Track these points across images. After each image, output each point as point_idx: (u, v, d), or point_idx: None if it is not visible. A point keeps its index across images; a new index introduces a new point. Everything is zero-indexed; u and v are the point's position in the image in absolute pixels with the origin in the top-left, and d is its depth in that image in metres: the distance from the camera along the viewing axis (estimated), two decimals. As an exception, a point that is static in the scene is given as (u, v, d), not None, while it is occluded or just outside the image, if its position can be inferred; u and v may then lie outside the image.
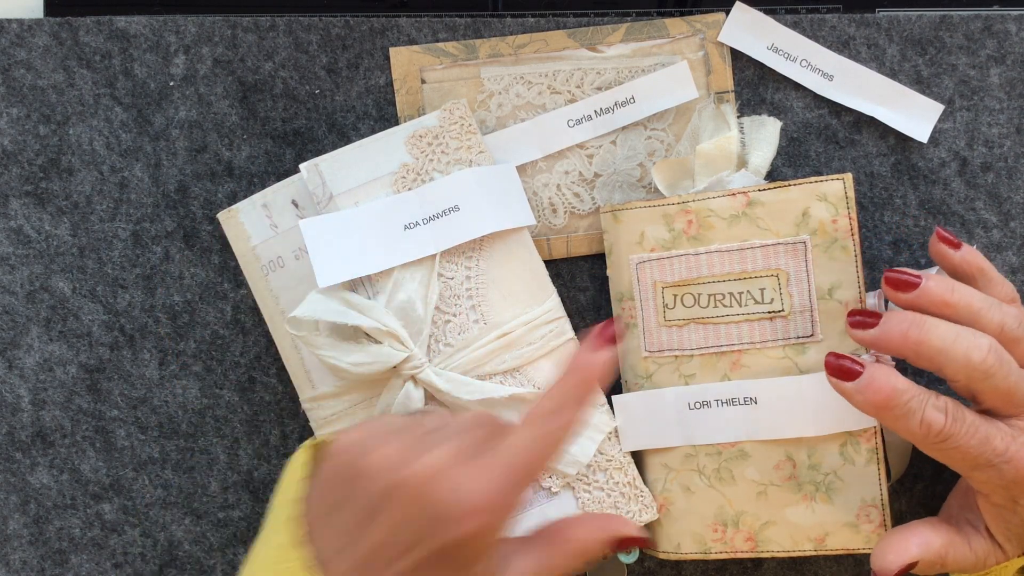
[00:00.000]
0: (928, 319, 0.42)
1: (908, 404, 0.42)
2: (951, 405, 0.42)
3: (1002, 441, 0.42)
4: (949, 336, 0.42)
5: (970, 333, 0.42)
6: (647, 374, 0.51)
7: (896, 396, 0.42)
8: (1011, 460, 0.42)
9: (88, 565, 0.56)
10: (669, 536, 0.51)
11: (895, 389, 0.42)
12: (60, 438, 0.56)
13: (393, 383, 0.49)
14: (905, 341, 0.42)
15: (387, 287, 0.50)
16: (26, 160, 0.55)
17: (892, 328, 0.42)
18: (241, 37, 0.55)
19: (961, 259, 0.46)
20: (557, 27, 0.54)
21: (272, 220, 0.53)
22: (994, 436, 0.42)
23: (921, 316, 0.42)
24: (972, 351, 0.42)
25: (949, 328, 0.42)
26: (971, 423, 0.42)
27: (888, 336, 0.42)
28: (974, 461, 0.42)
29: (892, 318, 0.43)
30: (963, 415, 0.42)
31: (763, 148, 0.52)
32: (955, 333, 0.42)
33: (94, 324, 0.56)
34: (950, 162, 0.54)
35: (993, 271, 0.46)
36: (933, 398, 0.42)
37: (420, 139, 0.51)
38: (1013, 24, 0.54)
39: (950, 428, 0.42)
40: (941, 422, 0.42)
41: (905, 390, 0.42)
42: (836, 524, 0.50)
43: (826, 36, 0.54)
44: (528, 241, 0.52)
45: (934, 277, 0.43)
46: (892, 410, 0.42)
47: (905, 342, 0.42)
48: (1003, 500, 0.44)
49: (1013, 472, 0.42)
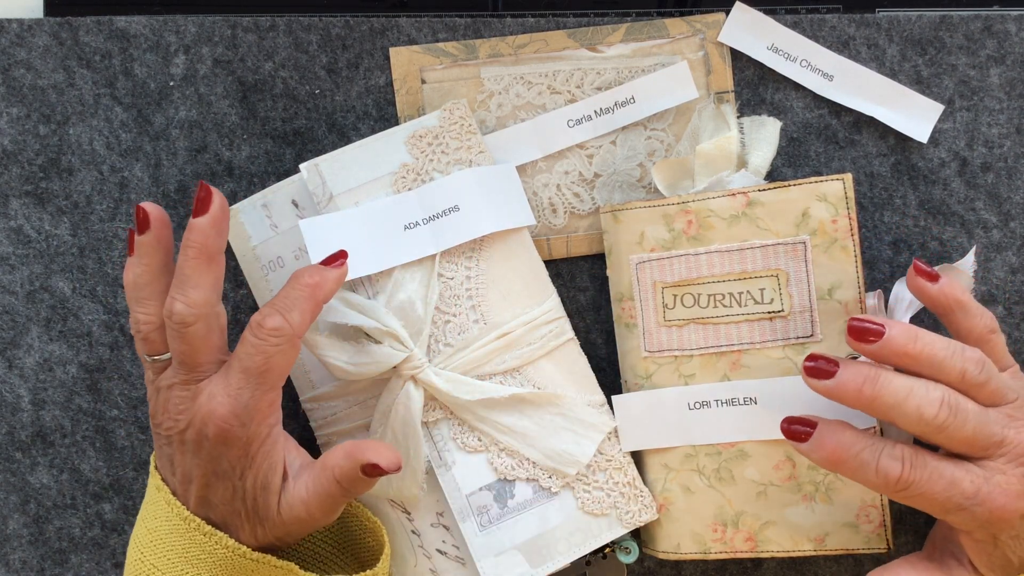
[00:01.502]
0: (883, 374, 0.43)
1: (859, 456, 0.43)
2: (908, 452, 0.43)
3: (972, 484, 0.42)
4: (901, 392, 0.42)
5: (923, 387, 0.42)
6: (647, 374, 0.51)
7: (844, 451, 0.43)
8: (983, 502, 0.42)
9: (88, 565, 0.56)
10: (669, 536, 0.52)
11: (841, 444, 0.43)
12: (60, 438, 0.56)
13: (393, 383, 0.49)
14: (859, 396, 0.43)
15: (387, 287, 0.50)
16: (26, 160, 0.55)
17: (847, 383, 0.43)
18: (241, 37, 0.55)
19: (938, 292, 0.46)
20: (557, 27, 0.54)
21: (272, 220, 0.53)
22: (962, 479, 0.42)
23: (876, 371, 0.43)
24: (924, 407, 0.42)
25: (902, 384, 0.42)
26: (933, 468, 0.42)
27: (843, 390, 0.43)
28: (943, 506, 0.42)
29: (847, 371, 0.43)
30: (923, 461, 0.42)
31: (763, 148, 0.52)
32: (908, 389, 0.42)
33: (94, 324, 0.56)
34: (950, 162, 0.54)
35: (971, 303, 0.46)
36: (888, 447, 0.43)
37: (420, 139, 0.51)
38: (1013, 24, 0.54)
39: (908, 475, 0.42)
40: (898, 471, 0.42)
41: (853, 443, 0.43)
42: (836, 524, 0.50)
43: (826, 36, 0.54)
44: (528, 241, 0.52)
45: (898, 326, 0.43)
46: (845, 464, 0.43)
47: (859, 397, 0.43)
48: (983, 536, 0.44)
49: (986, 514, 0.42)
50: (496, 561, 0.50)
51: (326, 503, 0.45)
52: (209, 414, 0.43)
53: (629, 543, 0.52)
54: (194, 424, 0.44)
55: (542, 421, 0.50)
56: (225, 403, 0.43)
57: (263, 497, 0.44)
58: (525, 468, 0.50)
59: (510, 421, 0.50)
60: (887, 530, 0.50)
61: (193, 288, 0.43)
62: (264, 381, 0.43)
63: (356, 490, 0.45)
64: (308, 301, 0.44)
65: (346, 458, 0.44)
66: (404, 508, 0.51)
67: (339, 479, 0.44)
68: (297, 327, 0.43)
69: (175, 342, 0.44)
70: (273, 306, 0.43)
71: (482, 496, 0.50)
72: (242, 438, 0.43)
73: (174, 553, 0.44)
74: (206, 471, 0.44)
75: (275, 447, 0.45)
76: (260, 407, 0.43)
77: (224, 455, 0.43)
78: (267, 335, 0.43)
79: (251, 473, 0.44)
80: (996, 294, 0.54)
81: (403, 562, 0.52)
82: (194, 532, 0.44)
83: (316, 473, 0.45)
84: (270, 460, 0.44)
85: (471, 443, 0.50)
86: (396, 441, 0.49)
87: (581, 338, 0.54)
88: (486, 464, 0.50)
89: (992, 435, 0.42)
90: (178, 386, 0.44)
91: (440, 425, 0.50)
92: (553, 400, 0.50)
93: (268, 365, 0.43)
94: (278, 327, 0.43)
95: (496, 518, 0.50)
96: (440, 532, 0.51)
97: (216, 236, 0.44)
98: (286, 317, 0.43)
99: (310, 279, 0.44)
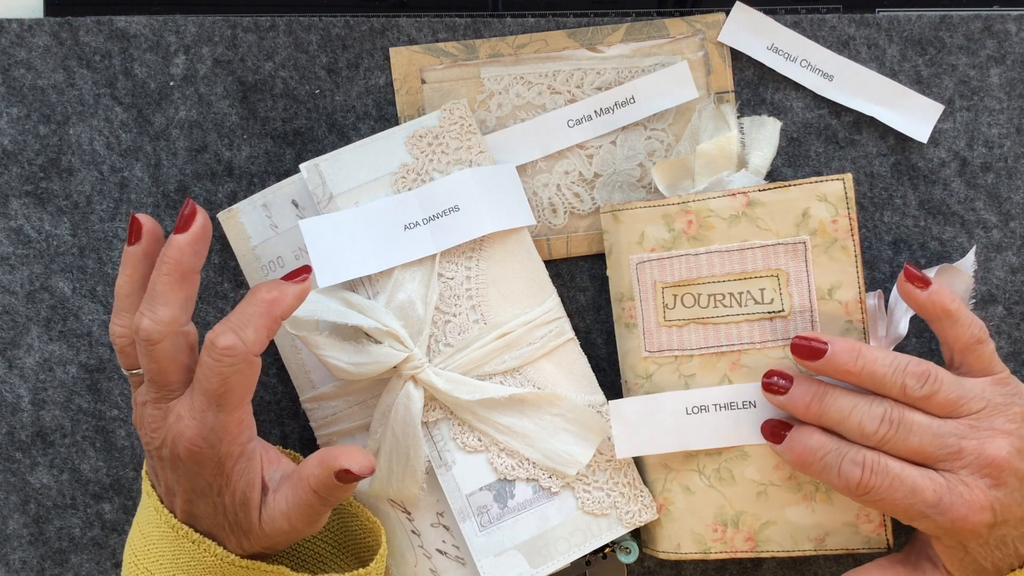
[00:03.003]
0: (830, 391, 0.46)
1: (823, 460, 0.45)
2: (871, 458, 0.44)
3: (934, 493, 0.43)
4: (845, 409, 0.45)
5: (866, 404, 0.45)
6: (647, 374, 0.51)
7: (810, 454, 0.46)
8: (945, 511, 0.43)
9: (88, 565, 0.56)
10: (669, 536, 0.51)
11: (808, 448, 0.46)
12: (60, 438, 0.56)
13: (393, 383, 0.49)
14: (807, 411, 0.46)
15: (387, 287, 0.50)
16: (26, 160, 0.55)
17: (797, 399, 0.46)
18: (241, 37, 0.55)
19: (927, 299, 0.47)
20: (557, 27, 0.54)
21: (272, 220, 0.53)
22: (924, 488, 0.43)
23: (824, 389, 0.46)
24: (865, 422, 0.45)
25: (847, 401, 0.45)
26: (895, 476, 0.44)
27: (793, 405, 0.47)
28: (906, 512, 0.44)
29: (798, 389, 0.46)
30: (885, 468, 0.44)
31: (763, 148, 0.52)
32: (851, 406, 0.45)
33: (94, 324, 0.56)
34: (950, 162, 0.54)
35: (960, 312, 0.46)
36: (852, 452, 0.45)
37: (420, 139, 0.51)
38: (1013, 24, 0.54)
39: (868, 481, 0.44)
40: (857, 475, 0.44)
41: (819, 447, 0.45)
42: (836, 524, 0.50)
43: (826, 36, 0.54)
44: (528, 241, 0.52)
45: (841, 343, 0.46)
46: (811, 466, 0.46)
47: (807, 412, 0.46)
48: (952, 543, 0.45)
49: (948, 523, 0.43)
50: (496, 561, 0.50)
51: (307, 513, 0.44)
52: (178, 436, 0.42)
53: (629, 543, 0.52)
54: (167, 443, 0.43)
55: (542, 421, 0.50)
56: (192, 426, 0.42)
57: (243, 512, 0.44)
58: (525, 468, 0.50)
59: (510, 421, 0.50)
60: (887, 530, 0.50)
61: (162, 305, 0.42)
62: (226, 402, 0.42)
63: (334, 497, 0.44)
64: (263, 317, 0.42)
65: (319, 466, 0.44)
66: (404, 508, 0.51)
67: (316, 488, 0.44)
68: (251, 345, 0.41)
69: (144, 359, 0.43)
70: (227, 323, 0.42)
71: (482, 496, 0.50)
72: (213, 459, 0.42)
73: (165, 559, 0.44)
74: (186, 487, 0.44)
75: (250, 463, 0.44)
76: (228, 427, 0.42)
77: (199, 474, 0.43)
78: (220, 355, 0.41)
79: (228, 491, 0.43)
80: (996, 294, 0.54)
81: (403, 562, 0.52)
82: (183, 540, 0.44)
83: (294, 485, 0.44)
84: (247, 477, 0.44)
85: (471, 443, 0.50)
86: (396, 441, 0.49)
87: (581, 338, 0.54)
88: (486, 464, 0.50)
89: (945, 446, 0.44)
90: (151, 403, 0.44)
91: (440, 425, 0.50)
92: (553, 400, 0.50)
93: (226, 386, 0.41)
94: (230, 346, 0.41)
95: (496, 518, 0.50)
96: (440, 532, 0.51)
97: (192, 255, 0.43)
98: (239, 335, 0.41)
99: (267, 294, 0.42)
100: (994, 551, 0.44)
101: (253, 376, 0.42)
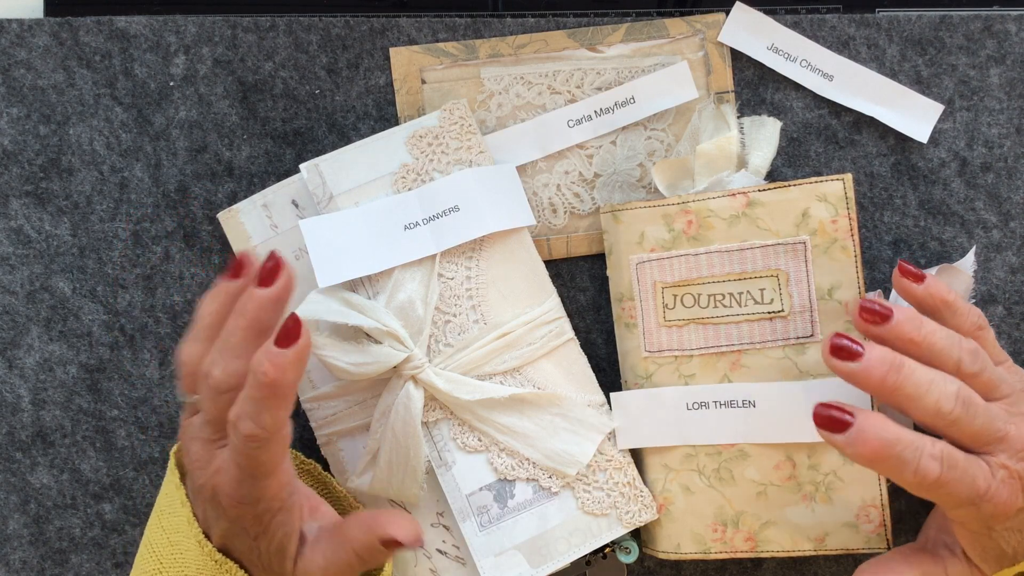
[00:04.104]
0: (906, 363, 0.42)
1: (901, 455, 0.41)
2: (946, 452, 0.42)
3: (984, 481, 0.42)
4: (923, 385, 0.42)
5: (942, 381, 0.42)
6: (647, 374, 0.51)
7: (887, 448, 0.41)
8: (991, 499, 0.42)
9: (88, 565, 0.56)
10: (669, 536, 0.52)
11: (885, 441, 0.41)
12: (60, 438, 0.56)
13: (393, 383, 0.49)
14: (883, 383, 0.42)
15: (387, 287, 0.50)
16: (26, 160, 0.55)
17: (874, 368, 0.42)
18: (241, 37, 0.55)
19: (925, 293, 0.46)
20: (557, 27, 0.54)
21: (272, 220, 0.53)
22: (978, 477, 0.42)
23: (900, 359, 0.42)
24: (942, 400, 0.41)
25: (924, 375, 0.42)
26: (963, 468, 0.42)
27: (867, 375, 0.42)
28: (958, 502, 0.42)
29: (875, 355, 0.42)
30: (955, 461, 0.42)
31: (763, 148, 0.52)
32: (929, 381, 0.42)
33: (94, 324, 0.56)
34: (950, 162, 0.54)
35: (958, 302, 0.46)
36: (928, 445, 0.42)
37: (420, 139, 0.51)
38: (1013, 24, 0.54)
39: (945, 476, 0.41)
40: (936, 472, 0.41)
41: (896, 441, 0.41)
42: (836, 524, 0.50)
43: (826, 36, 0.54)
44: (528, 241, 0.52)
45: (905, 312, 0.43)
46: (885, 461, 0.41)
47: (882, 384, 0.42)
48: (979, 528, 0.44)
49: (991, 509, 0.42)
50: (496, 561, 0.50)
51: (344, 572, 0.44)
52: (218, 487, 0.42)
53: (629, 543, 0.52)
54: (207, 487, 0.43)
55: (542, 421, 0.50)
56: (230, 484, 0.42)
57: (278, 560, 0.44)
58: (525, 468, 0.50)
59: (510, 421, 0.50)
60: (887, 530, 0.50)
61: (235, 358, 0.42)
62: (258, 474, 0.41)
63: (377, 560, 0.44)
64: (273, 399, 0.40)
65: (365, 532, 0.43)
66: (404, 508, 0.51)
67: (358, 552, 0.43)
68: (272, 429, 0.40)
69: (206, 402, 0.43)
70: (243, 408, 0.40)
71: (482, 496, 0.50)
72: (252, 514, 0.42)
73: (190, 571, 0.44)
74: (224, 525, 0.43)
75: (289, 516, 0.43)
76: (266, 490, 0.42)
77: (239, 519, 0.43)
78: (244, 441, 0.40)
79: (265, 538, 0.43)
80: (996, 294, 0.54)
81: (403, 562, 0.52)
82: (223, 574, 0.44)
83: (336, 545, 0.44)
84: (285, 529, 0.43)
85: (471, 443, 0.50)
86: (396, 441, 0.49)
87: (581, 338, 0.54)
88: (486, 464, 0.50)
89: (997, 430, 0.42)
90: (200, 442, 0.43)
91: (440, 425, 0.50)
92: (553, 400, 0.50)
93: (256, 463, 0.41)
94: (253, 435, 0.40)
95: (496, 518, 0.50)
96: (440, 532, 0.51)
97: (274, 313, 0.42)
98: (257, 423, 0.40)
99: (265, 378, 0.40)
100: (1015, 534, 0.44)
101: (283, 446, 0.42)
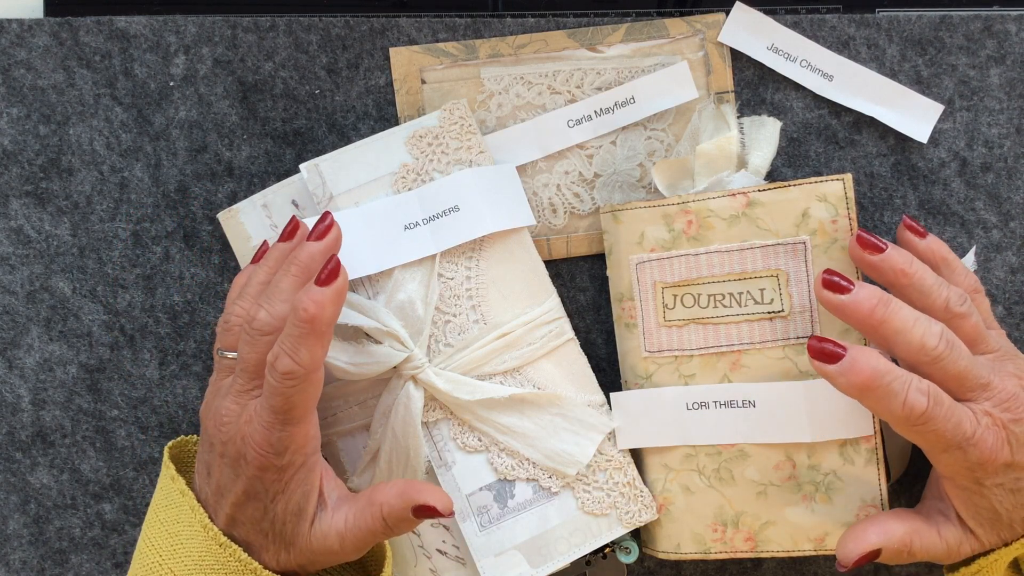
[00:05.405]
0: (894, 300, 0.44)
1: (890, 386, 0.42)
2: (932, 388, 0.43)
3: (970, 425, 0.43)
4: (909, 320, 0.43)
5: (927, 320, 0.44)
6: (647, 374, 0.51)
7: (878, 378, 0.42)
8: (977, 444, 0.43)
9: (88, 565, 0.56)
10: (669, 536, 0.52)
11: (876, 371, 0.42)
12: (60, 438, 0.56)
13: (393, 383, 0.49)
14: (870, 317, 0.44)
15: (387, 287, 0.50)
16: (26, 160, 0.55)
17: (862, 301, 0.44)
18: (241, 37, 0.55)
19: (926, 247, 0.49)
20: (557, 27, 0.54)
21: (272, 220, 0.53)
22: (964, 420, 0.43)
23: (888, 297, 0.44)
24: (927, 336, 0.43)
25: (910, 312, 0.44)
26: (949, 407, 0.43)
27: (856, 307, 0.44)
28: (946, 443, 0.43)
29: (864, 290, 0.44)
30: (942, 398, 0.43)
31: (763, 148, 0.52)
32: (914, 317, 0.44)
33: (94, 324, 0.56)
34: (950, 162, 0.54)
35: (956, 261, 0.48)
36: (916, 380, 0.43)
37: (420, 139, 0.51)
38: (1013, 24, 0.54)
39: (931, 411, 0.42)
40: (923, 405, 0.42)
41: (887, 371, 0.42)
42: (836, 524, 0.50)
43: (826, 36, 0.54)
44: (528, 241, 0.52)
45: (896, 248, 0.46)
46: (874, 391, 0.43)
47: (870, 318, 0.44)
48: (968, 482, 0.44)
49: (977, 454, 0.43)
50: (496, 561, 0.50)
51: (365, 538, 0.44)
52: (248, 436, 0.43)
53: (629, 543, 0.52)
54: (234, 441, 0.44)
55: (542, 421, 0.50)
56: (260, 431, 0.43)
57: (294, 522, 0.44)
58: (525, 468, 0.50)
59: (510, 421, 0.50)
60: (887, 530, 0.50)
61: (281, 302, 0.44)
62: (291, 417, 0.43)
63: (400, 530, 0.45)
64: (310, 336, 0.42)
65: (398, 497, 0.44)
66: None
67: (386, 516, 0.44)
68: (308, 365, 0.42)
69: (246, 347, 0.44)
70: (282, 346, 0.42)
71: (482, 496, 0.50)
72: (277, 466, 0.43)
73: (191, 560, 0.44)
74: (241, 489, 0.44)
75: (311, 474, 0.44)
76: (294, 438, 0.43)
77: (260, 478, 0.43)
78: (281, 378, 0.42)
79: (283, 498, 0.44)
80: (996, 294, 0.54)
81: (403, 562, 0.52)
82: (228, 558, 0.44)
83: (361, 507, 0.45)
84: (304, 487, 0.44)
85: (471, 443, 0.50)
86: (396, 441, 0.49)
87: (581, 338, 0.54)
88: (486, 464, 0.50)
89: (980, 376, 0.44)
90: (232, 395, 0.44)
91: (440, 425, 0.50)
92: (553, 400, 0.50)
93: (290, 404, 0.42)
94: (290, 371, 0.42)
95: (496, 518, 0.50)
96: (440, 532, 0.51)
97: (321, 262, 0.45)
98: (295, 359, 0.42)
99: (305, 313, 0.42)
100: (1010, 495, 0.44)
101: (316, 390, 0.43)
